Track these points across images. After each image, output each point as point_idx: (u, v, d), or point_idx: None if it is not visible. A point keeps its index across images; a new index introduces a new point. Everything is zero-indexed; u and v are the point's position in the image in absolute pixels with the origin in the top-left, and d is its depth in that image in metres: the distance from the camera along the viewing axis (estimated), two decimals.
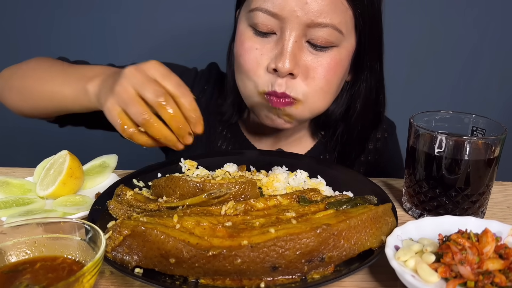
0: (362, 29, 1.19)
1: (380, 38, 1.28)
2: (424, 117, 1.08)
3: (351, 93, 1.34)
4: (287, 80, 1.15)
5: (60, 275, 0.73)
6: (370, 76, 1.30)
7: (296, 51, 1.12)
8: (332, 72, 1.17)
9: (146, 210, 0.94)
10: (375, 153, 1.47)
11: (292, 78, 1.15)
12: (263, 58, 1.16)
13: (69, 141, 1.65)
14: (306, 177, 1.11)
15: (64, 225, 0.78)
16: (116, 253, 0.79)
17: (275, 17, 1.11)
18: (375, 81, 1.32)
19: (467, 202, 0.99)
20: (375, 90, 1.33)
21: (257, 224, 0.84)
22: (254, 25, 1.15)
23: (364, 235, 0.82)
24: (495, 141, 0.97)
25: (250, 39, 1.17)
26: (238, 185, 0.95)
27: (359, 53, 1.24)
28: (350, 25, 1.16)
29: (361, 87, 1.32)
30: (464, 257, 0.73)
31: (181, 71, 1.43)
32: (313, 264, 0.78)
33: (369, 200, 0.97)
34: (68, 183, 1.05)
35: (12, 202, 1.00)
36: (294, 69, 1.12)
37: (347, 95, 1.35)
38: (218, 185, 0.94)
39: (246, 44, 1.18)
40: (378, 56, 1.30)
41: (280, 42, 1.13)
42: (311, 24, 1.10)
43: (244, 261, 0.75)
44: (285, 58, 1.11)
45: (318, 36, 1.12)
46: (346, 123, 1.38)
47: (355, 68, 1.29)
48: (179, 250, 0.75)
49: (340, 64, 1.19)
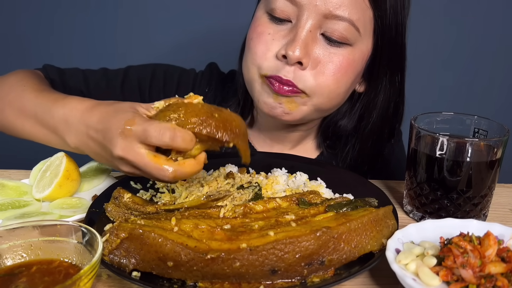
0: (381, 34, 1.16)
1: (402, 50, 1.24)
2: (425, 119, 1.07)
3: (364, 103, 1.30)
4: (295, 69, 1.12)
5: (57, 279, 0.72)
6: (389, 88, 1.26)
7: (309, 41, 1.10)
8: (343, 71, 1.14)
9: (144, 212, 0.93)
10: (381, 161, 1.45)
11: (301, 68, 1.11)
12: (274, 44, 1.14)
13: None
14: (306, 179, 1.11)
15: (61, 228, 0.78)
16: (113, 256, 0.78)
17: (293, 3, 1.10)
18: (395, 94, 1.28)
19: (469, 204, 0.99)
20: (394, 103, 1.29)
21: (256, 227, 0.84)
22: (271, 10, 1.14)
23: (364, 238, 0.82)
24: (497, 142, 0.96)
25: (264, 25, 1.16)
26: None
27: (375, 60, 1.21)
28: (368, 26, 1.14)
29: (377, 99, 1.27)
30: (466, 260, 0.72)
31: (179, 74, 1.42)
32: (313, 267, 0.77)
33: (369, 202, 0.97)
34: (64, 185, 1.04)
35: (8, 205, 1.00)
36: (304, 58, 1.09)
37: (359, 105, 1.31)
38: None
39: (259, 29, 1.16)
40: (399, 68, 1.26)
41: (294, 30, 1.11)
42: (329, 15, 1.08)
43: (243, 264, 0.74)
44: (296, 44, 1.08)
45: (334, 30, 1.10)
46: (358, 135, 1.34)
47: (369, 77, 1.25)
48: (177, 253, 0.75)
49: (353, 65, 1.15)
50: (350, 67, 1.15)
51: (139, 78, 1.36)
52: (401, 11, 1.17)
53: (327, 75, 1.12)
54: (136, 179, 1.09)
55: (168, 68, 1.41)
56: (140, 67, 1.40)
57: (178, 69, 1.43)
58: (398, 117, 1.34)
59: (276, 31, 1.14)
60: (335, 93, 1.17)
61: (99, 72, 1.36)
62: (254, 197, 0.99)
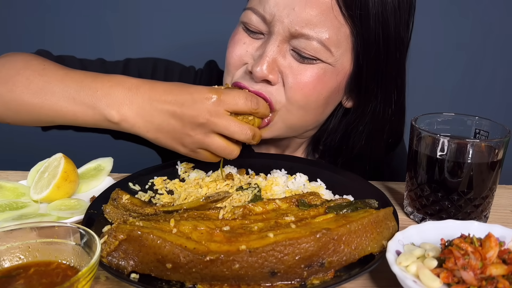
0: (362, 51, 1.10)
1: (400, 66, 1.16)
2: (426, 119, 1.07)
3: (352, 120, 1.23)
4: (263, 86, 1.09)
5: (54, 281, 0.72)
6: (384, 106, 1.18)
7: (277, 57, 1.08)
8: (311, 87, 1.08)
9: (142, 214, 0.93)
10: (381, 164, 1.43)
11: (269, 84, 1.09)
12: (246, 56, 1.13)
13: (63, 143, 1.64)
14: (306, 180, 1.10)
15: (59, 229, 0.77)
16: (112, 258, 0.78)
17: (263, 20, 1.09)
18: (391, 112, 1.20)
19: (470, 206, 0.98)
20: (390, 121, 1.22)
21: (255, 229, 0.83)
22: (245, 23, 1.13)
23: (364, 240, 0.82)
24: (498, 143, 0.96)
25: (241, 33, 1.15)
26: None
27: (361, 76, 1.14)
28: (344, 43, 1.08)
29: (367, 116, 1.20)
30: (466, 262, 0.72)
31: (180, 70, 1.42)
32: (313, 269, 0.77)
33: (369, 204, 0.96)
34: (62, 187, 1.04)
35: (5, 206, 0.99)
36: (270, 75, 1.07)
37: (346, 121, 1.24)
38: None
39: (236, 37, 1.15)
40: (394, 86, 1.18)
41: (264, 45, 1.10)
42: (295, 33, 1.05)
43: (242, 266, 0.74)
44: (263, 62, 1.06)
45: (302, 48, 1.06)
46: (348, 151, 1.28)
47: (358, 93, 1.18)
48: (175, 255, 0.75)
49: (322, 82, 1.09)
50: (320, 83, 1.09)
51: (140, 70, 1.35)
52: (397, 26, 1.09)
53: (295, 90, 1.08)
54: (134, 180, 1.09)
55: (168, 64, 1.40)
56: (140, 60, 1.38)
57: (178, 65, 1.43)
58: (393, 136, 1.29)
59: (251, 42, 1.13)
60: (304, 109, 1.12)
61: (96, 63, 1.33)
62: (253, 199, 0.99)
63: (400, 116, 1.25)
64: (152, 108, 0.96)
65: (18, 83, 1.04)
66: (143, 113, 0.96)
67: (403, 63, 1.17)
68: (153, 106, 0.96)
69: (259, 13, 1.09)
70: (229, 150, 1.00)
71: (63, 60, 1.28)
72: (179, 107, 0.95)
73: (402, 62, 1.17)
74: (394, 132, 1.28)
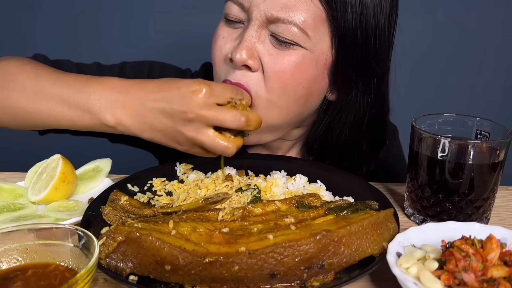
0: (339, 37, 1.08)
1: (377, 56, 1.14)
2: (427, 120, 1.06)
3: (336, 112, 1.21)
4: (243, 73, 1.09)
5: (52, 283, 0.72)
6: (364, 95, 1.17)
7: (255, 43, 1.08)
8: (289, 75, 1.08)
9: (141, 215, 0.93)
10: (376, 162, 1.41)
11: (249, 71, 1.09)
12: (226, 47, 1.13)
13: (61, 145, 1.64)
14: (306, 181, 1.10)
15: (57, 231, 0.77)
16: (110, 260, 0.78)
17: (241, 7, 1.10)
18: (373, 102, 1.19)
19: (471, 207, 0.98)
20: (372, 112, 1.20)
21: (255, 230, 0.83)
22: (225, 14, 1.14)
23: (365, 242, 0.81)
24: (499, 144, 0.96)
25: (221, 29, 1.15)
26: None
27: (338, 64, 1.13)
28: (321, 27, 1.07)
29: (349, 107, 1.18)
30: (468, 264, 0.72)
31: (176, 73, 1.42)
32: (313, 271, 0.77)
33: (370, 205, 0.96)
34: (60, 188, 1.04)
35: (3, 208, 0.99)
36: (249, 60, 1.06)
37: (330, 114, 1.22)
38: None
39: (217, 33, 1.16)
40: (373, 74, 1.16)
41: (243, 33, 1.10)
42: (271, 17, 1.05)
43: (241, 268, 0.74)
44: (242, 47, 1.06)
45: (279, 32, 1.05)
46: (334, 145, 1.26)
47: (338, 82, 1.16)
48: (174, 257, 0.75)
49: (301, 69, 1.08)
50: (298, 70, 1.08)
51: (135, 74, 1.35)
52: (375, 14, 1.09)
53: (273, 78, 1.08)
54: (133, 182, 1.09)
55: (164, 67, 1.40)
56: (135, 63, 1.38)
57: (174, 68, 1.43)
58: (377, 127, 1.28)
59: (230, 34, 1.13)
60: (281, 98, 1.11)
61: (92, 66, 1.33)
62: (253, 200, 0.99)
63: (380, 109, 1.24)
64: (143, 109, 0.95)
65: (13, 89, 1.04)
66: (136, 114, 0.95)
67: (384, 54, 1.16)
68: (144, 106, 0.95)
69: (237, 1, 1.09)
70: (223, 146, 0.95)
71: (59, 64, 1.28)
72: (168, 104, 0.93)
73: (383, 53, 1.16)
74: (378, 128, 1.27)
